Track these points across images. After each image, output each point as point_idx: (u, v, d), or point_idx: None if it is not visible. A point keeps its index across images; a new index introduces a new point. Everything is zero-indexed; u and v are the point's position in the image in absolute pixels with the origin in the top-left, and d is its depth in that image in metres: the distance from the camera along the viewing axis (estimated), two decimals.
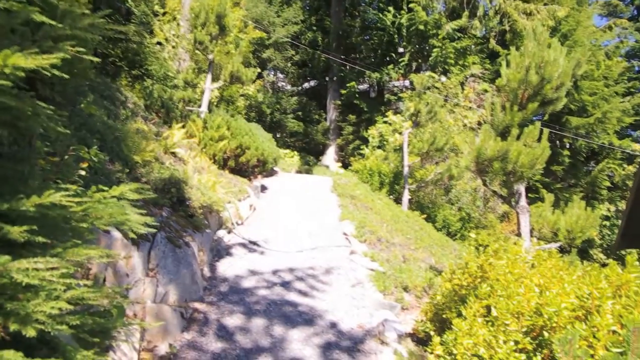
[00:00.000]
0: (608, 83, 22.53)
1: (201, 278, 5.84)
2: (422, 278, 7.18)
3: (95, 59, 2.06)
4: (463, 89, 21.08)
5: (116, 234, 4.18)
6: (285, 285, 6.44)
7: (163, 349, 4.28)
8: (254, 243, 8.00)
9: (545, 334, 3.36)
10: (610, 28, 26.37)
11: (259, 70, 18.11)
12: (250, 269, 6.85)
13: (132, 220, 2.48)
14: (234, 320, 5.20)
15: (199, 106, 11.87)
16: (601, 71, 22.43)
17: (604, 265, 4.08)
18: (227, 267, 6.76)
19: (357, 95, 22.78)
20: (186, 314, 4.97)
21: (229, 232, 8.11)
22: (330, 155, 23.46)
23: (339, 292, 6.41)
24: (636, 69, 25.94)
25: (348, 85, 22.33)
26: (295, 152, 21.22)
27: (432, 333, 4.34)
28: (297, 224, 9.54)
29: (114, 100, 8.02)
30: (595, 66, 22.26)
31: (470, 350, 3.64)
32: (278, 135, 21.43)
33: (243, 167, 11.20)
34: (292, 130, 21.80)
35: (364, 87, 24.60)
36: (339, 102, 23.68)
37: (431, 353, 4.01)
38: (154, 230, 4.92)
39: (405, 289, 6.88)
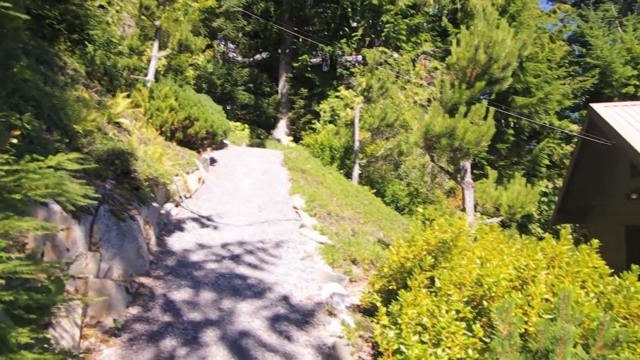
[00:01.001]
0: (551, 66, 23.43)
1: (147, 252, 5.70)
2: (370, 251, 7.33)
3: (24, 16, 1.90)
4: (414, 66, 21.32)
5: (55, 206, 3.99)
6: (235, 258, 6.41)
7: (107, 324, 4.18)
8: (203, 217, 7.88)
9: (485, 303, 3.52)
10: (554, 12, 27.29)
11: (208, 40, 17.55)
12: (199, 242, 6.76)
13: (72, 192, 2.36)
14: (181, 295, 5.13)
15: (145, 75, 11.39)
16: (545, 54, 23.26)
17: (540, 239, 4.30)
18: (175, 241, 6.63)
19: (309, 69, 22.57)
20: (131, 289, 4.85)
21: (176, 206, 7.94)
22: (281, 129, 23.27)
23: (288, 265, 6.45)
24: (577, 53, 27.04)
25: (300, 58, 22.05)
26: (246, 125, 20.89)
27: (378, 304, 4.45)
28: (247, 198, 9.47)
29: (52, 65, 7.54)
30: (539, 49, 23.04)
31: (415, 319, 3.76)
32: (228, 108, 20.99)
33: (192, 139, 10.92)
34: (242, 102, 21.39)
35: (316, 60, 24.40)
36: (291, 75, 23.40)
37: (377, 323, 4.11)
38: (96, 203, 4.76)
39: (354, 262, 7.01)
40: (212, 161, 11.94)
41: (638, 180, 10.63)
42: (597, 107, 11.89)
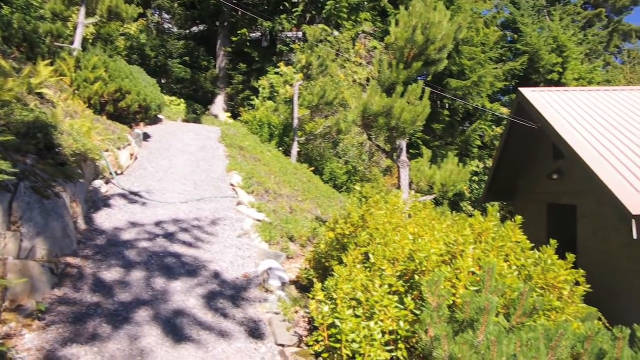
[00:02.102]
0: (485, 50, 24.28)
1: (75, 231, 5.42)
2: (307, 228, 7.38)
3: None
4: (354, 45, 21.38)
5: None
6: (169, 237, 6.24)
7: (30, 307, 3.95)
8: (135, 194, 7.59)
9: (417, 277, 3.65)
10: None
11: (141, 8, 16.65)
12: (131, 221, 6.52)
13: None
14: (112, 275, 4.94)
15: (71, 43, 10.67)
16: (480, 38, 24.04)
17: (470, 216, 4.50)
18: (105, 220, 6.36)
19: (248, 44, 22.05)
20: (57, 270, 4.61)
21: (107, 183, 7.59)
22: (219, 105, 22.69)
23: (224, 243, 6.37)
24: (509, 39, 28.15)
25: (239, 32, 21.45)
26: (182, 100, 20.18)
27: (315, 280, 4.50)
28: (183, 175, 9.21)
29: None
30: (475, 33, 23.78)
31: (350, 294, 3.84)
32: (163, 81, 20.16)
33: (123, 113, 10.41)
34: (178, 76, 20.59)
35: (256, 35, 23.86)
36: (230, 50, 22.75)
37: (313, 299, 4.17)
38: (15, 179, 4.44)
39: (291, 239, 7.03)
40: (146, 137, 11.48)
41: (560, 162, 11.35)
42: (525, 91, 12.50)
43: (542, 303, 2.82)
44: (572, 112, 11.38)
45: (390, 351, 3.57)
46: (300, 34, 21.77)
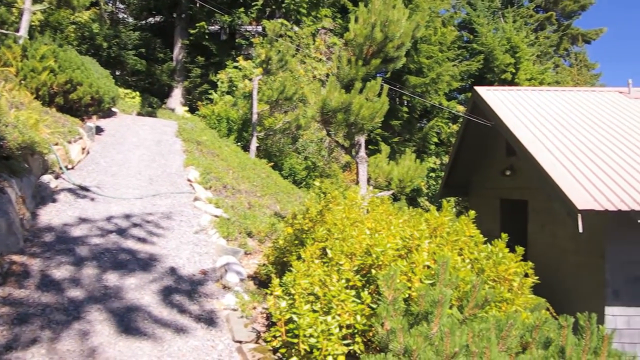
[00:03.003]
0: (442, 48, 24.80)
1: (21, 228, 5.18)
2: (266, 224, 7.34)
3: None
4: (314, 40, 21.37)
5: None
6: (122, 233, 6.07)
7: None
8: (87, 189, 7.32)
9: (373, 271, 3.69)
10: None
11: None
12: (82, 216, 6.29)
13: None
14: (61, 272, 4.76)
15: (17, 30, 10.15)
16: (437, 37, 24.53)
17: (427, 211, 4.59)
18: (54, 216, 6.11)
19: (206, 37, 21.61)
20: (1, 269, 4.39)
21: (56, 178, 7.29)
22: (176, 98, 22.18)
23: (181, 239, 6.25)
24: (465, 39, 28.87)
25: (197, 25, 20.99)
26: (137, 93, 19.60)
27: (273, 276, 4.48)
28: (138, 170, 8.96)
29: None
30: (433, 32, 24.24)
31: (307, 289, 3.85)
32: (117, 73, 19.52)
33: (74, 105, 10.01)
34: (133, 68, 19.97)
35: (214, 28, 23.40)
36: (187, 42, 22.23)
37: (271, 294, 4.15)
38: None
39: (250, 235, 6.98)
40: (99, 130, 11.10)
41: (512, 159, 11.73)
42: (480, 90, 12.83)
43: (493, 295, 2.92)
44: (524, 110, 11.78)
45: (347, 345, 3.61)
46: (259, 28, 21.56)
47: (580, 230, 7.55)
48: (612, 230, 8.01)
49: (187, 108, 20.93)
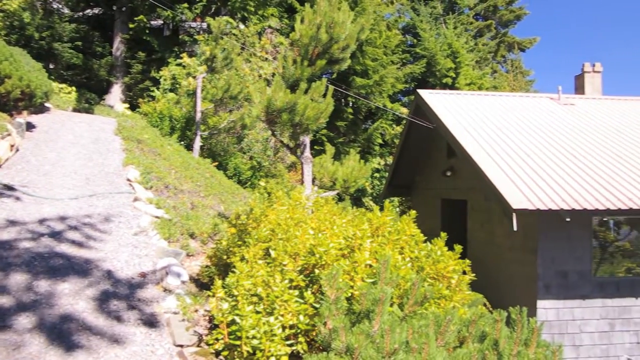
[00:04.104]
0: (387, 52, 25.29)
1: None
2: (209, 224, 7.20)
3: None
4: (260, 39, 21.21)
5: None
6: (56, 236, 5.76)
7: None
8: (16, 189, 6.90)
9: (317, 271, 3.70)
10: (392, 2, 29.40)
11: None
12: (10, 219, 5.93)
13: None
14: None
15: None
16: (382, 40, 24.99)
17: (371, 211, 4.66)
18: None
19: (148, 32, 20.90)
20: None
21: None
22: (115, 95, 21.32)
23: (119, 241, 6.02)
24: (409, 43, 29.59)
25: (137, 19, 20.25)
26: (73, 88, 18.67)
27: (215, 277, 4.40)
28: (73, 169, 8.55)
29: None
30: (378, 35, 24.67)
31: (250, 290, 3.80)
32: (51, 67, 18.51)
33: (2, 99, 9.41)
34: (69, 62, 18.98)
35: (157, 23, 22.69)
36: (128, 37, 21.42)
37: (213, 296, 4.07)
38: None
39: (192, 236, 6.82)
40: (30, 126, 10.49)
41: (453, 160, 12.15)
42: (423, 93, 13.21)
43: (432, 292, 3.00)
44: (464, 113, 12.24)
45: (290, 345, 3.60)
46: (204, 25, 21.13)
47: (515, 228, 7.94)
48: (543, 228, 8.48)
49: (127, 105, 20.16)
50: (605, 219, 8.81)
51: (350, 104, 24.68)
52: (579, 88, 15.45)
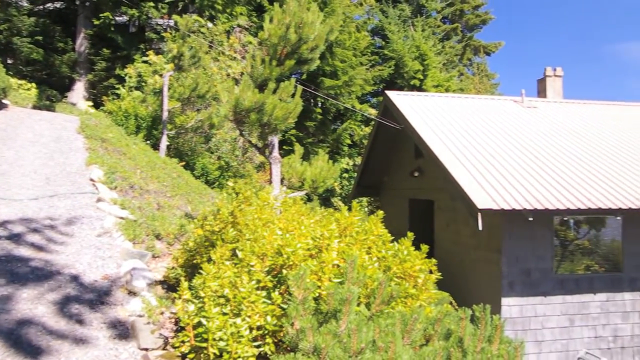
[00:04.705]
0: (356, 53, 25.45)
1: None
2: (176, 225, 7.08)
3: None
4: (229, 38, 21.00)
5: None
6: (14, 238, 5.56)
7: None
8: None
9: (284, 271, 3.69)
10: (361, 4, 29.61)
11: None
12: None
13: None
14: None
15: None
16: (351, 41, 25.13)
17: (339, 211, 4.67)
18: None
19: (112, 29, 20.39)
20: None
21: None
22: (78, 92, 20.72)
23: (82, 243, 5.85)
24: (377, 45, 29.85)
25: (102, 15, 19.73)
26: (33, 85, 18.05)
27: (182, 279, 4.32)
28: (33, 168, 8.27)
29: None
30: (347, 36, 24.79)
31: (217, 292, 3.76)
32: (9, 62, 17.86)
33: None
34: (28, 57, 18.32)
35: (122, 19, 22.18)
36: (92, 33, 20.85)
37: (179, 298, 4.01)
38: None
39: (158, 237, 6.70)
40: None
41: (420, 161, 12.31)
42: (391, 94, 13.34)
43: (399, 291, 3.03)
44: (431, 115, 12.42)
45: (258, 346, 3.57)
46: (172, 22, 20.77)
47: (480, 227, 8.10)
48: (507, 228, 8.69)
49: (91, 103, 19.63)
50: (565, 219, 9.10)
51: (320, 104, 24.72)
52: (541, 91, 15.91)
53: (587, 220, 9.27)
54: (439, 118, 12.28)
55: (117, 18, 20.51)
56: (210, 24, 20.41)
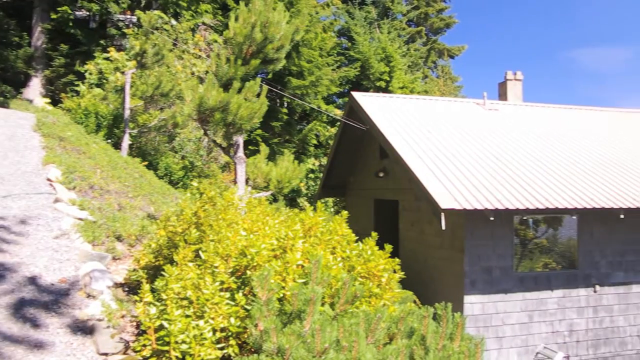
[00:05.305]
0: (322, 54, 25.49)
1: None
2: (138, 226, 6.92)
3: None
4: (194, 36, 20.69)
5: None
6: None
7: None
8: None
9: (248, 272, 3.65)
10: (328, 5, 29.69)
11: None
12: None
13: None
14: None
15: None
16: (317, 42, 25.16)
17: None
18: None
19: (71, 24, 19.71)
20: None
21: None
22: (35, 89, 19.95)
23: (37, 245, 5.64)
24: (344, 46, 29.98)
25: (60, 9, 19.02)
26: None
27: (144, 281, 4.22)
28: None
29: None
30: (313, 36, 24.80)
31: (180, 294, 3.69)
32: None
33: None
34: None
35: (82, 14, 21.50)
36: (49, 27, 20.10)
37: (141, 301, 3.92)
38: None
39: (119, 239, 6.53)
40: None
41: (385, 161, 12.44)
42: (357, 95, 13.42)
43: (363, 290, 3.05)
44: (396, 116, 12.56)
45: (221, 348, 3.53)
46: (134, 18, 20.29)
47: (444, 227, 8.25)
48: (469, 227, 8.88)
49: (48, 100, 18.95)
50: (525, 218, 9.38)
51: (286, 104, 24.64)
52: (502, 94, 16.35)
53: (545, 220, 9.58)
54: (403, 119, 12.44)
55: (76, 12, 19.84)
56: (174, 21, 20.04)
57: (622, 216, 9.09)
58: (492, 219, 8.41)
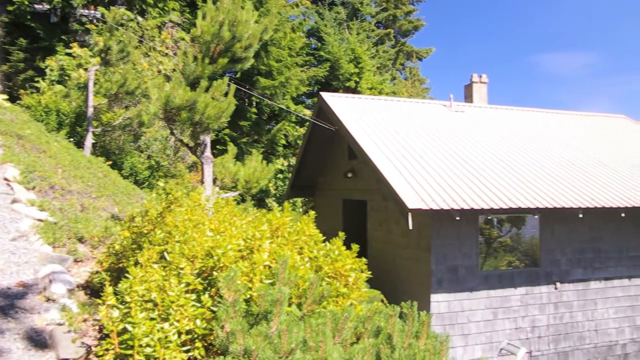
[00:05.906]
0: (291, 54, 25.44)
1: None
2: (101, 228, 6.74)
3: None
4: (160, 33, 20.31)
5: None
6: None
7: None
8: None
9: (215, 273, 3.61)
10: (297, 5, 29.64)
11: None
12: None
13: None
14: None
15: None
16: (287, 41, 25.09)
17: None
18: None
19: (30, 17, 19.01)
20: None
21: None
22: None
23: None
24: (313, 46, 30.00)
25: (16, 1, 18.27)
26: None
27: (107, 284, 4.11)
28: None
29: None
30: (283, 36, 24.73)
31: (145, 296, 3.61)
32: None
33: None
34: None
35: (42, 7, 20.78)
36: (7, 20, 19.34)
37: (103, 304, 3.81)
38: None
39: (81, 240, 6.35)
40: None
41: (353, 162, 12.50)
42: (326, 96, 13.45)
43: (330, 290, 3.06)
44: (365, 117, 12.65)
45: (187, 351, 3.47)
46: (98, 14, 19.76)
47: (411, 227, 8.36)
48: (436, 227, 9.03)
49: (6, 96, 18.21)
50: (490, 218, 9.60)
51: (254, 104, 24.48)
52: (468, 97, 16.68)
53: (509, 219, 9.83)
54: (372, 120, 12.54)
55: (35, 5, 19.15)
56: (140, 18, 19.63)
57: (581, 215, 9.41)
58: (457, 218, 8.57)
